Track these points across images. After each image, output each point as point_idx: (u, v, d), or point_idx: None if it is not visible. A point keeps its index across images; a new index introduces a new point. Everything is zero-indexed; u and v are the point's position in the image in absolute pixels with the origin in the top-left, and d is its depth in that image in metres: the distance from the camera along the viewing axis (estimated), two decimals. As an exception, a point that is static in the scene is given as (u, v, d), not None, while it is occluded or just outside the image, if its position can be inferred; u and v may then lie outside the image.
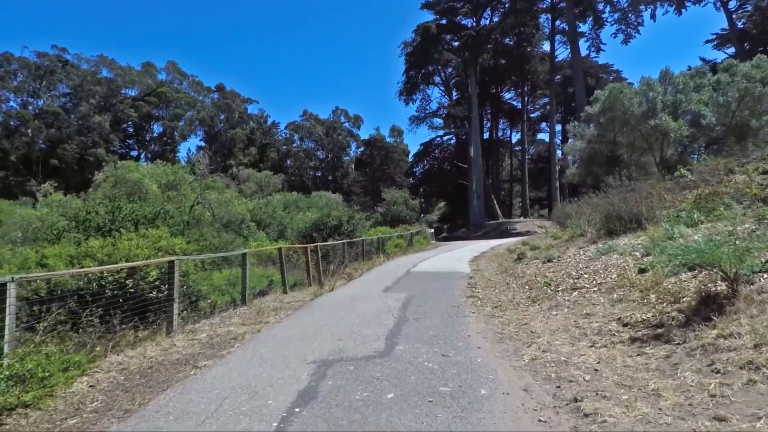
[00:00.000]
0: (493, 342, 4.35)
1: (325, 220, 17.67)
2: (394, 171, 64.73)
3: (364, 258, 15.64)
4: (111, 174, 21.81)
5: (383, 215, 31.31)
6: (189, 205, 21.69)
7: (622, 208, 9.56)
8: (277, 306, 7.33)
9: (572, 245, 10.19)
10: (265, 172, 49.08)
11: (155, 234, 6.97)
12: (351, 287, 9.03)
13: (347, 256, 14.15)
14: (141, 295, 5.74)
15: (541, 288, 6.68)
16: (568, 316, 4.98)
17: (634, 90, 21.51)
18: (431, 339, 4.53)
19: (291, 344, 4.59)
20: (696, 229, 7.38)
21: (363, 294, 7.83)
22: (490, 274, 10.14)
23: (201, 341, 5.02)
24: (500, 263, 12.06)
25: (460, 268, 11.69)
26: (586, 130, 25.69)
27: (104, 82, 71.11)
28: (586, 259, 7.80)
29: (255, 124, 79.13)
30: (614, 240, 8.75)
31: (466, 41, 40.96)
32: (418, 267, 12.53)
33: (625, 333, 3.93)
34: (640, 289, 4.91)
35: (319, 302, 7.31)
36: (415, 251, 20.38)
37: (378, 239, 18.21)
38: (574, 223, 12.69)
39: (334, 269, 12.41)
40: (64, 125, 63.40)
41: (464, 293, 7.51)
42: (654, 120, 20.00)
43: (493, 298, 6.72)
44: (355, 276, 10.99)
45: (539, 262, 9.45)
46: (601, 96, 23.10)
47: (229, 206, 22.80)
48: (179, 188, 23.20)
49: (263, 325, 5.74)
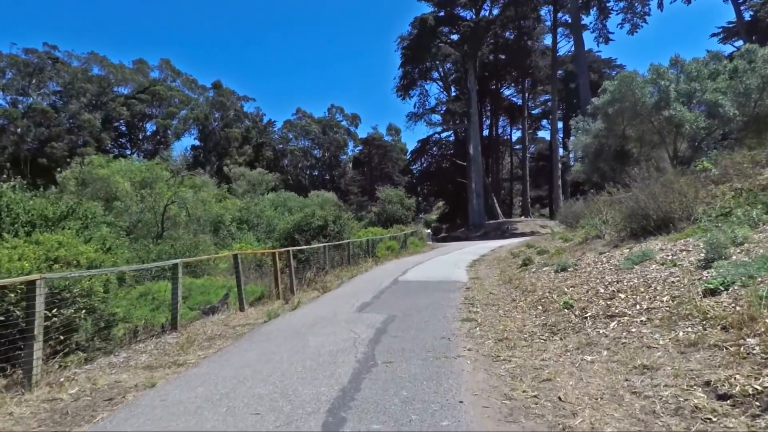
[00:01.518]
0: (498, 420, 2.66)
1: (308, 221, 15.97)
2: (392, 170, 63.04)
3: (350, 263, 13.93)
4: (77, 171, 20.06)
5: (377, 215, 29.54)
6: (163, 205, 20.03)
7: (649, 205, 7.85)
8: (215, 333, 5.63)
9: (588, 249, 8.49)
10: (258, 170, 47.40)
11: (52, 240, 5.27)
12: (320, 304, 7.31)
13: (329, 261, 12.45)
14: None
15: (560, 311, 4.97)
16: (611, 366, 3.28)
17: (644, 78, 19.79)
18: (402, 409, 2.85)
19: (179, 419, 2.90)
20: (758, 231, 5.69)
21: (329, 315, 6.12)
22: (491, 284, 8.42)
23: (58, 405, 3.33)
24: (502, 270, 10.35)
25: (456, 276, 9.98)
26: (591, 124, 23.95)
27: (95, 79, 69.66)
28: (612, 268, 6.11)
29: (251, 123, 77.60)
30: (642, 243, 7.07)
31: (465, 33, 39.22)
32: (408, 274, 10.81)
33: (730, 419, 2.24)
34: (721, 324, 3.22)
35: (270, 328, 5.60)
36: (409, 254, 18.67)
37: (367, 241, 16.50)
38: (588, 223, 10.98)
39: (311, 277, 10.71)
40: (53, 123, 61.97)
41: (459, 314, 5.81)
42: (668, 111, 18.29)
43: (497, 324, 5.00)
44: (332, 287, 9.29)
45: (551, 271, 7.74)
46: (610, 86, 21.37)
47: (207, 206, 21.09)
48: (154, 186, 21.46)
49: (170, 370, 4.05)
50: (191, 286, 9.08)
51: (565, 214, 16.61)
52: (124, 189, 20.11)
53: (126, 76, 73.82)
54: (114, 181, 19.82)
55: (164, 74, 77.14)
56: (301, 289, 9.89)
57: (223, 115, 76.98)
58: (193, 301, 8.78)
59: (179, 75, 77.27)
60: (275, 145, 74.71)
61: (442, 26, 40.43)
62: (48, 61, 66.00)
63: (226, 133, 73.20)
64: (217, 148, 73.23)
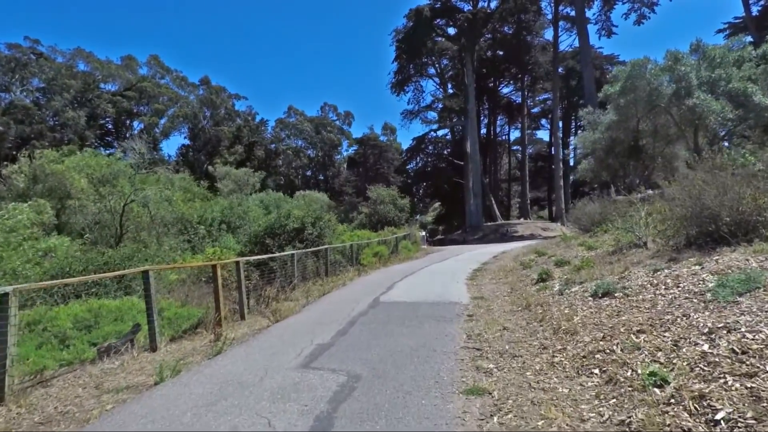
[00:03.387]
0: None
1: (282, 223, 13.75)
2: (387, 171, 60.89)
3: (327, 274, 11.71)
4: (26, 166, 17.68)
5: (368, 216, 27.28)
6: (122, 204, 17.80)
7: (720, 202, 5.72)
8: (63, 408, 3.41)
9: (630, 263, 6.35)
10: (244, 169, 45.08)
11: None
12: (257, 344, 5.07)
13: (299, 272, 10.24)
14: None
15: (643, 390, 2.74)
16: None
17: (659, 66, 17.71)
18: None
19: None
20: None
21: (255, 375, 3.89)
22: (501, 309, 6.25)
23: None
24: (513, 286, 8.18)
25: (453, 294, 7.80)
26: (601, 117, 21.89)
27: (80, 76, 67.26)
28: (693, 298, 3.95)
29: (242, 122, 75.36)
30: (714, 256, 4.97)
31: (462, 26, 37.19)
32: (393, 291, 8.61)
33: None
34: None
35: (146, 406, 3.38)
36: (400, 260, 16.48)
37: (351, 247, 14.27)
38: (618, 227, 8.86)
39: (274, 294, 8.47)
40: (35, 121, 59.55)
41: (461, 373, 3.65)
42: (690, 100, 16.22)
43: (529, 411, 2.79)
44: (293, 311, 7.07)
45: (585, 294, 5.57)
46: (622, 73, 19.31)
47: (174, 205, 18.78)
48: (116, 183, 19.13)
49: None
50: (101, 311, 6.79)
51: (577, 216, 14.50)
52: (80, 186, 17.76)
53: (113, 73, 71.50)
54: (69, 177, 17.49)
55: (153, 71, 74.79)
56: (258, 310, 7.68)
57: (214, 113, 74.79)
58: (98, 333, 6.51)
59: (169, 72, 74.88)
60: (267, 144, 72.46)
61: (439, 18, 38.42)
62: (32, 56, 63.56)
63: (216, 132, 70.94)
64: (207, 147, 70.99)
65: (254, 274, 9.99)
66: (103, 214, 17.27)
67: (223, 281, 8.37)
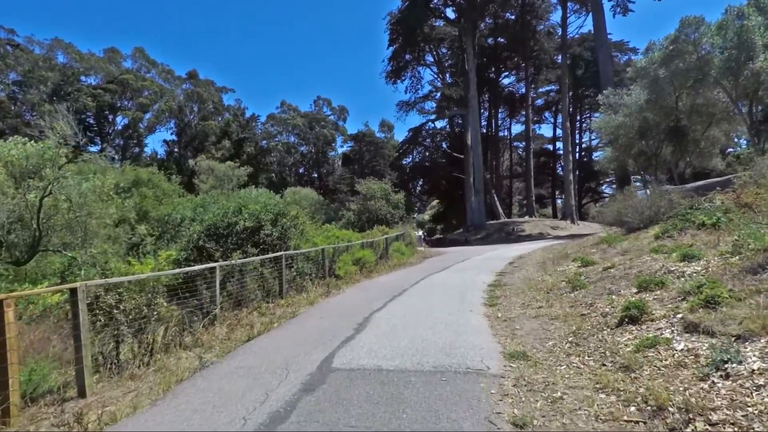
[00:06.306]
0: None
1: (230, 221, 10.31)
2: (384, 168, 57.43)
3: (282, 293, 8.25)
4: None
5: (358, 213, 23.83)
6: (39, 198, 14.33)
7: None
8: None
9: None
10: (228, 164, 41.54)
11: None
12: None
13: (220, 298, 6.79)
14: None
15: None
16: None
17: (716, 23, 14.29)
18: None
19: None
20: None
21: None
22: (578, 397, 2.87)
23: None
24: (574, 323, 4.75)
25: (469, 346, 4.35)
26: (625, 97, 18.40)
27: (59, 68, 63.32)
28: None
29: (231, 116, 71.56)
30: None
31: (462, 6, 33.73)
32: (364, 335, 5.17)
33: None
34: None
35: None
36: (390, 267, 13.09)
37: (322, 253, 10.81)
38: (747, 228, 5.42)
39: (170, 338, 5.01)
40: (10, 115, 55.86)
41: None
42: (755, 62, 12.82)
43: None
44: (167, 390, 3.68)
45: None
46: (663, 41, 15.83)
47: (108, 202, 15.32)
48: (44, 175, 15.47)
49: None
50: None
51: (618, 211, 11.12)
52: (-4, 180, 14.17)
53: (94, 65, 67.46)
54: (-19, 169, 13.93)
55: (138, 64, 70.73)
56: (126, 374, 4.26)
57: (201, 108, 70.83)
58: None
59: (155, 65, 70.88)
60: (258, 140, 68.73)
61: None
62: (7, 47, 59.66)
63: (203, 127, 67.11)
64: (194, 143, 67.28)
65: (159, 299, 6.49)
66: (21, 212, 13.80)
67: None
